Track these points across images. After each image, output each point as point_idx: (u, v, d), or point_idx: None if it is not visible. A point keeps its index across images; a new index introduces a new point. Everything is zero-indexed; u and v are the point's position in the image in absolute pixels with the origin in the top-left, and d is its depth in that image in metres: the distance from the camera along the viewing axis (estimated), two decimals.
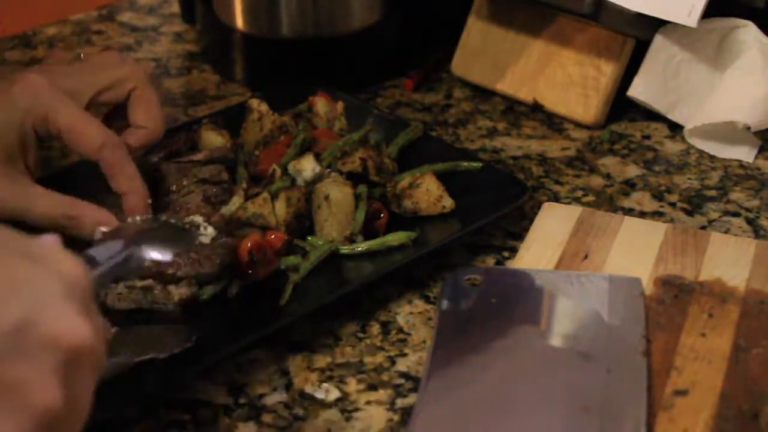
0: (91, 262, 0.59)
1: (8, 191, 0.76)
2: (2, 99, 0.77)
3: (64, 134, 0.77)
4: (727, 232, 0.88)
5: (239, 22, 1.09)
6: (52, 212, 0.76)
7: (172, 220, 0.73)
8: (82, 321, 0.47)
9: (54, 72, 0.80)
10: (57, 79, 0.79)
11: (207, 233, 0.76)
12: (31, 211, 0.76)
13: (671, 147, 1.01)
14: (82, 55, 0.86)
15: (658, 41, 1.00)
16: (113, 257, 0.60)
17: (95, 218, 0.76)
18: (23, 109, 0.77)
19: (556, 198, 0.93)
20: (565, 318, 0.76)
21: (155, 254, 0.64)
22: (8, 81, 0.78)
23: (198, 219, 0.77)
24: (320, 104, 0.95)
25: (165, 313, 0.75)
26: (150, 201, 0.79)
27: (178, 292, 0.75)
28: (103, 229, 0.73)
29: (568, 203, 0.91)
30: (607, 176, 0.96)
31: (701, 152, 0.99)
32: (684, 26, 0.96)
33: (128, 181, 0.78)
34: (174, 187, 0.84)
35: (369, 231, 0.84)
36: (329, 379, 0.74)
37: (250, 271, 0.78)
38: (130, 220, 0.73)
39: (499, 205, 0.85)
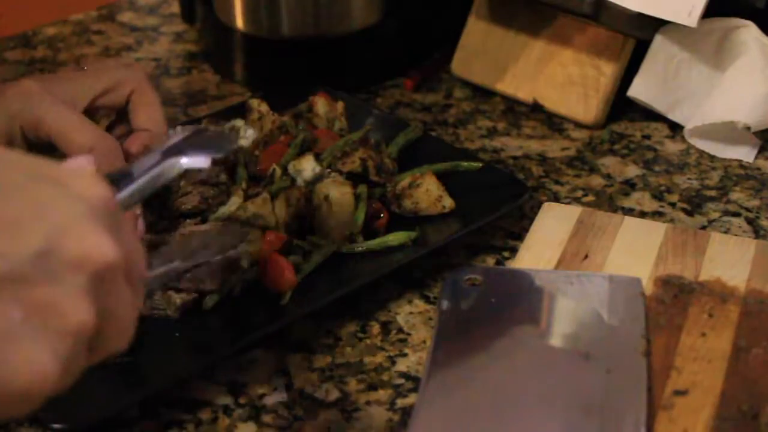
0: (128, 177, 0.59)
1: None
2: None
3: (54, 137, 0.75)
4: (727, 232, 0.88)
5: (239, 22, 1.09)
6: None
7: (212, 127, 0.73)
8: (107, 239, 0.47)
9: (50, 79, 0.79)
10: (52, 85, 0.78)
11: (247, 136, 0.75)
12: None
13: (671, 147, 1.01)
14: (81, 63, 0.85)
15: (658, 41, 1.00)
16: (149, 170, 0.60)
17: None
18: (12, 114, 0.75)
19: (556, 198, 0.93)
20: (565, 318, 0.76)
21: (193, 161, 0.64)
22: (2, 87, 0.77)
23: (239, 123, 0.76)
24: (320, 104, 0.95)
25: (163, 318, 0.75)
26: (140, 211, 0.77)
27: (179, 297, 0.75)
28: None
29: (568, 203, 0.91)
30: (607, 176, 0.96)
31: (701, 152, 0.99)
32: (684, 26, 0.96)
33: None
34: (172, 188, 0.83)
35: (369, 231, 0.84)
36: (329, 379, 0.74)
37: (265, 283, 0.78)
38: (171, 131, 0.72)
39: (499, 205, 0.85)
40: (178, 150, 0.63)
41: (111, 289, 0.47)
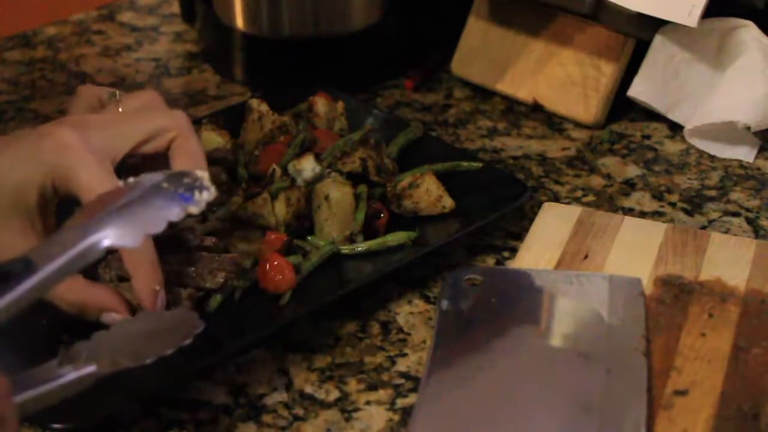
0: (29, 268, 0.52)
1: (15, 250, 0.65)
2: (30, 154, 0.70)
3: (82, 197, 0.70)
4: (727, 232, 0.88)
5: (239, 22, 1.09)
6: (61, 292, 0.71)
7: (165, 183, 0.59)
8: None
9: (90, 125, 0.73)
10: (93, 134, 0.72)
11: (201, 199, 0.59)
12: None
13: (671, 147, 1.01)
14: (117, 94, 0.79)
15: (658, 41, 1.00)
16: (61, 254, 0.53)
17: (100, 304, 0.71)
18: (48, 167, 0.70)
19: (556, 198, 0.93)
20: (565, 318, 0.76)
21: (120, 240, 0.55)
22: (40, 134, 0.71)
23: (203, 175, 0.61)
24: (320, 104, 0.95)
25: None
26: (161, 287, 0.72)
27: (187, 291, 0.75)
28: (113, 315, 0.69)
29: (568, 203, 0.91)
30: (607, 176, 0.96)
31: (701, 152, 0.99)
32: (684, 26, 0.96)
33: (138, 265, 0.72)
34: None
35: (369, 231, 0.84)
36: (329, 379, 0.74)
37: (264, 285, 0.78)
38: (120, 183, 0.62)
39: (499, 205, 0.85)
40: (100, 225, 0.55)
41: None
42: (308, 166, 0.86)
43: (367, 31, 1.09)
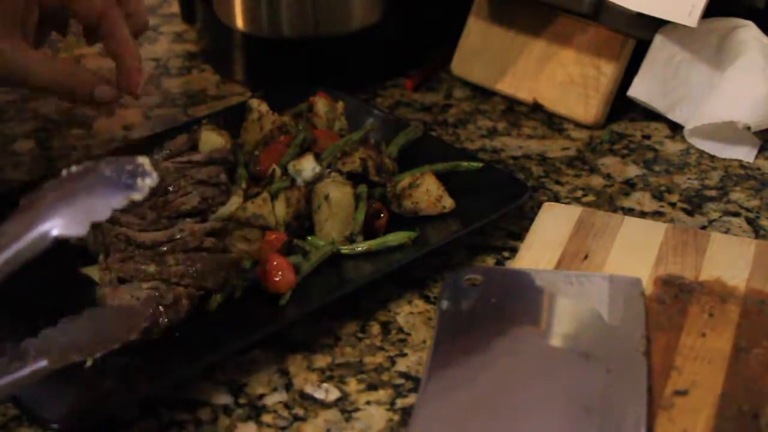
0: None
1: (9, 55, 0.80)
2: None
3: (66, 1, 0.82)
4: (727, 232, 0.88)
5: (239, 22, 1.09)
6: (50, 76, 0.82)
7: (107, 171, 0.59)
8: None
9: None
10: None
11: (144, 185, 0.59)
12: (31, 74, 0.81)
13: (671, 147, 1.01)
14: None
15: (658, 41, 1.00)
16: (9, 245, 0.55)
17: (92, 82, 0.82)
18: None
19: (556, 198, 0.93)
20: (565, 318, 0.76)
21: (66, 229, 0.56)
22: None
23: (144, 161, 0.61)
24: (320, 104, 0.95)
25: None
26: (140, 66, 0.85)
27: (186, 291, 0.75)
28: (103, 87, 0.80)
29: (568, 203, 0.91)
30: (607, 176, 0.96)
31: (701, 152, 0.99)
32: (684, 26, 0.96)
33: (124, 45, 0.85)
34: (171, 188, 0.83)
35: (369, 231, 0.84)
36: (329, 379, 0.74)
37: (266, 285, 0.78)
38: (64, 172, 0.61)
39: (499, 205, 0.85)
40: (48, 215, 0.56)
41: None
42: (308, 166, 0.86)
43: (367, 31, 1.09)
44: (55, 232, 0.56)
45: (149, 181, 0.59)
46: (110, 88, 0.84)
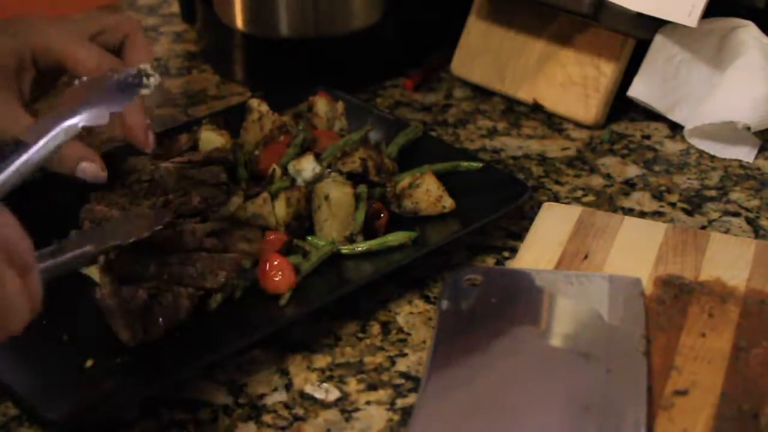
0: (22, 146, 0.62)
1: (4, 113, 0.80)
2: (4, 28, 0.83)
3: (62, 59, 0.81)
4: (727, 232, 0.88)
5: (239, 22, 1.09)
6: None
7: (115, 75, 0.71)
8: None
9: (52, 17, 0.85)
10: (55, 23, 0.84)
11: (150, 83, 0.72)
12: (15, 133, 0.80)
13: (671, 147, 1.01)
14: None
15: (658, 41, 1.00)
16: (44, 135, 0.63)
17: (77, 153, 0.81)
18: (22, 38, 0.82)
19: (556, 198, 0.93)
20: (565, 318, 0.76)
21: (89, 119, 0.65)
22: (9, 19, 0.85)
23: (146, 66, 0.73)
24: (320, 104, 0.95)
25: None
26: (149, 120, 0.83)
27: (187, 291, 0.75)
28: (85, 164, 0.79)
29: (568, 203, 0.91)
30: (607, 176, 0.96)
31: (701, 152, 0.99)
32: (684, 26, 0.96)
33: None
34: (172, 189, 0.83)
35: (369, 231, 0.84)
36: (329, 379, 0.74)
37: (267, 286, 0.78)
38: (76, 82, 0.73)
39: (499, 205, 0.85)
40: (74, 111, 0.65)
41: None
42: (308, 166, 0.86)
43: (367, 31, 1.09)
44: (82, 123, 0.64)
45: (153, 81, 0.70)
46: (93, 167, 0.81)
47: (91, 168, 0.81)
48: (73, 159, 0.81)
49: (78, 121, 0.65)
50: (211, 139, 0.90)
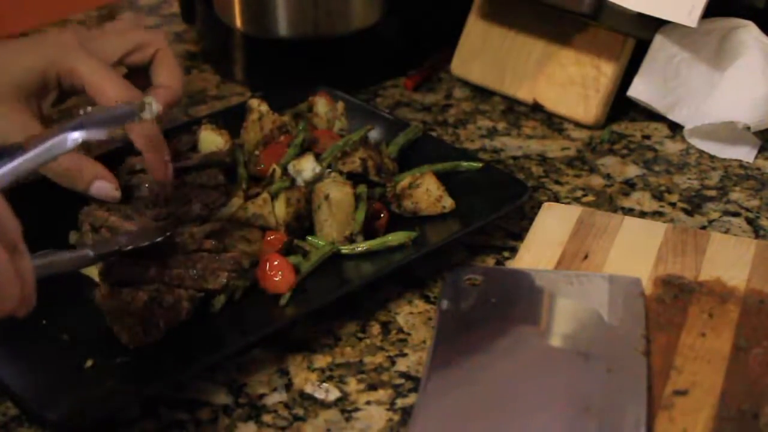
0: (19, 152, 0.65)
1: (17, 127, 0.80)
2: (35, 46, 0.84)
3: (87, 87, 0.81)
4: (727, 232, 0.88)
5: (239, 22, 1.09)
6: (59, 161, 0.80)
7: (120, 105, 0.73)
8: None
9: (84, 34, 0.85)
10: (87, 41, 0.84)
11: (152, 111, 0.73)
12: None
13: (671, 147, 1.01)
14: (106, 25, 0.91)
15: (658, 41, 1.00)
16: (42, 143, 0.66)
17: (93, 173, 0.82)
18: (51, 58, 0.82)
19: (556, 198, 0.93)
20: (565, 318, 0.77)
21: (89, 134, 0.67)
22: (43, 34, 0.86)
23: (149, 99, 0.74)
24: (320, 104, 0.95)
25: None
26: (168, 158, 0.83)
27: (187, 293, 0.75)
28: (100, 182, 0.81)
29: (568, 203, 0.92)
30: (607, 176, 0.96)
31: (701, 152, 0.99)
32: (684, 26, 0.96)
33: (146, 140, 0.82)
34: (171, 196, 0.83)
35: (369, 231, 0.84)
36: (329, 379, 0.74)
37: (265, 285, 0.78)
38: (81, 111, 0.74)
39: (499, 205, 0.85)
40: (78, 125, 0.67)
41: None
42: (308, 166, 0.86)
43: (367, 31, 1.09)
44: (79, 135, 0.67)
45: (155, 107, 0.72)
46: (107, 186, 0.82)
47: (105, 187, 0.82)
48: (89, 177, 0.81)
49: (79, 135, 0.67)
50: (211, 139, 0.90)
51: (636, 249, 0.82)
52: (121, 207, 0.82)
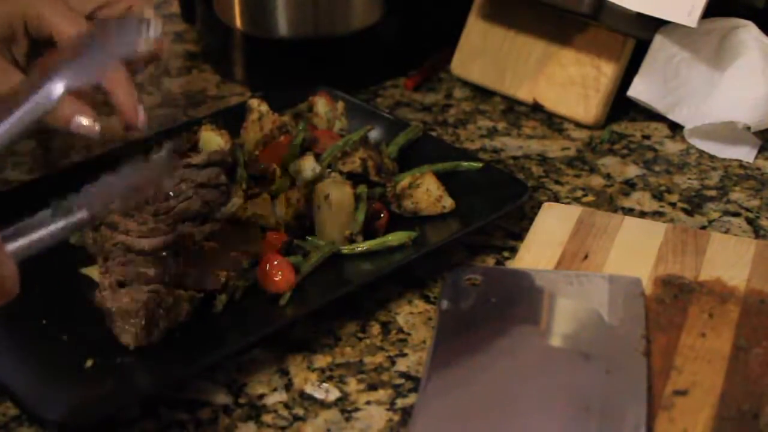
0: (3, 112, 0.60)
1: None
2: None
3: (54, 33, 0.81)
4: (727, 232, 0.88)
5: (239, 22, 1.09)
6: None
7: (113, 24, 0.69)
8: None
9: None
10: None
11: (149, 36, 0.68)
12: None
13: (671, 147, 1.01)
14: None
15: (658, 41, 1.00)
16: (26, 101, 0.62)
17: (72, 109, 0.79)
18: (15, 7, 0.81)
19: (556, 198, 0.93)
20: (565, 318, 0.77)
21: (73, 82, 0.63)
22: None
23: (149, 15, 0.70)
24: (320, 104, 0.95)
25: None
26: (142, 106, 0.81)
27: (188, 294, 0.75)
28: (80, 118, 0.77)
29: (568, 203, 0.91)
30: (607, 176, 0.96)
31: (701, 152, 0.99)
32: (684, 26, 0.96)
33: (116, 82, 0.80)
34: (172, 193, 0.83)
35: (369, 231, 0.84)
36: (329, 379, 0.74)
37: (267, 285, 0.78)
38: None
39: (499, 205, 0.85)
40: (60, 71, 0.63)
41: None
42: (308, 166, 0.86)
43: (367, 31, 1.09)
44: (61, 86, 0.62)
45: (152, 32, 0.67)
46: (87, 121, 0.79)
47: (85, 123, 0.79)
48: (69, 114, 0.80)
49: (62, 85, 0.62)
50: (211, 139, 0.90)
51: (636, 249, 0.82)
52: (120, 220, 0.81)
